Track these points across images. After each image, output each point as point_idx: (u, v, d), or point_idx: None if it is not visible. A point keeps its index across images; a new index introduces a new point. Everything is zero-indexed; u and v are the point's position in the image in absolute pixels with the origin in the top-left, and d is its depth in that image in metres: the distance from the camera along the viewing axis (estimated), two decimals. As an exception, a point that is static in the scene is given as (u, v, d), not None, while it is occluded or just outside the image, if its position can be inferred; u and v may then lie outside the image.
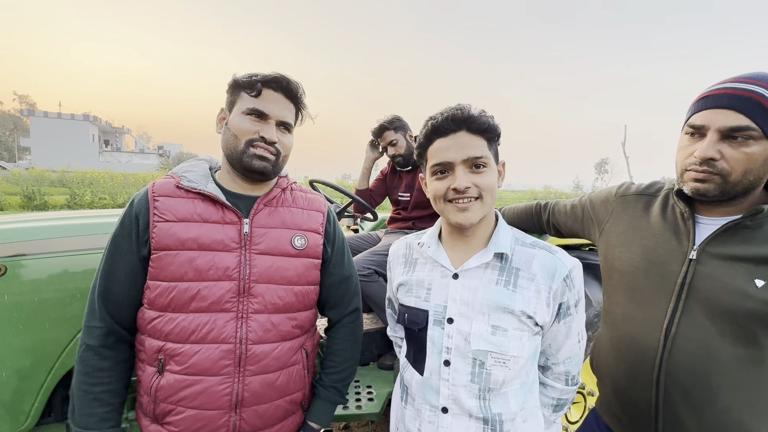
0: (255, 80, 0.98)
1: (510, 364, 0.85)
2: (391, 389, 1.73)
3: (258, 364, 0.96)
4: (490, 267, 0.90)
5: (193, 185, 0.98)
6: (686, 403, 0.90)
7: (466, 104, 0.89)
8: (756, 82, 0.82)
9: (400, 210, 2.38)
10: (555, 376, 0.97)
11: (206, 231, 0.95)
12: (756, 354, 0.84)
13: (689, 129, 0.91)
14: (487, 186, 0.86)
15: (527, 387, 0.90)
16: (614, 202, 1.16)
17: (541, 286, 0.87)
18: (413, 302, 0.95)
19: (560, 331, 0.91)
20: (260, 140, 0.98)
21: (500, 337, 0.85)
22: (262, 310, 0.98)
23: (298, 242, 1.04)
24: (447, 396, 0.88)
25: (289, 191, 1.12)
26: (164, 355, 0.93)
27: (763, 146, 0.82)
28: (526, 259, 0.89)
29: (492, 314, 0.86)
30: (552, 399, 0.98)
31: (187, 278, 0.93)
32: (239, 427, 0.96)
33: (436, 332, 0.90)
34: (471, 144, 0.85)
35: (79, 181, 17.81)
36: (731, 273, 0.86)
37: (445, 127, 0.86)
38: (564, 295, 0.88)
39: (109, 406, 0.95)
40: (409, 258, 1.02)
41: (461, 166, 0.86)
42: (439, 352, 0.89)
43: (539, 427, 0.92)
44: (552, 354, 0.95)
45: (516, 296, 0.86)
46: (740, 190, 0.85)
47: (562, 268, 0.88)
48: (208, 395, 0.93)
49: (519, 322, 0.86)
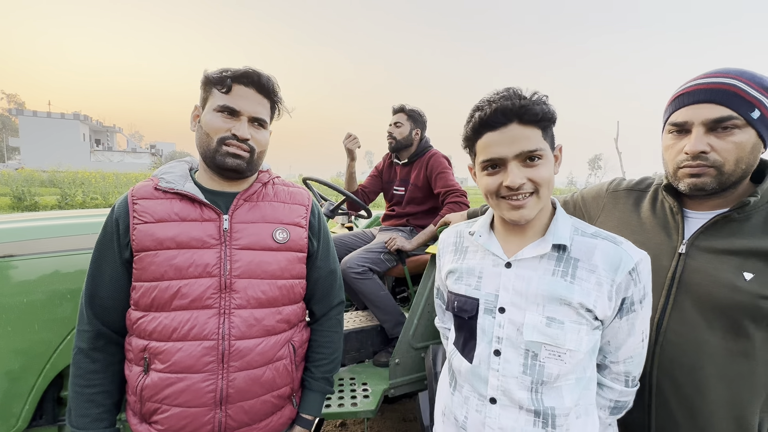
0: (225, 76, 0.97)
1: (566, 357, 0.80)
2: (386, 386, 1.73)
3: (242, 359, 0.96)
4: (546, 257, 0.84)
5: (171, 186, 0.98)
6: (677, 396, 0.91)
7: (517, 89, 0.80)
8: (728, 75, 0.84)
9: (394, 206, 2.37)
10: (614, 377, 0.89)
11: (184, 229, 0.96)
12: (745, 346, 0.85)
13: (672, 128, 0.92)
14: (542, 179, 0.79)
15: (584, 383, 0.84)
16: (605, 197, 1.17)
17: (602, 279, 0.80)
18: (463, 290, 0.91)
19: (622, 328, 0.84)
20: (232, 138, 0.97)
21: (556, 329, 0.80)
22: (244, 305, 0.98)
23: (279, 236, 1.04)
24: (496, 387, 0.84)
25: (271, 185, 1.12)
26: (149, 354, 0.94)
27: (748, 134, 0.83)
28: (587, 250, 0.82)
29: (547, 305, 0.81)
30: (609, 401, 0.90)
31: (167, 277, 0.93)
32: (225, 424, 0.96)
33: (486, 321, 0.86)
34: (524, 136, 0.78)
35: (70, 181, 17.57)
36: (720, 266, 0.87)
37: (494, 120, 0.79)
38: (628, 289, 0.81)
39: (102, 406, 0.97)
40: (460, 246, 0.99)
41: (514, 162, 0.79)
42: (489, 341, 0.86)
43: (594, 427, 0.86)
44: (611, 352, 0.87)
45: (574, 288, 0.80)
46: (735, 179, 0.86)
47: (627, 260, 0.80)
48: (192, 392, 0.93)
49: (577, 315, 0.80)
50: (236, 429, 0.98)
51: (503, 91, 0.81)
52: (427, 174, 2.18)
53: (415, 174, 2.24)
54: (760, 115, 0.82)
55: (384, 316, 1.97)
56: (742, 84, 0.82)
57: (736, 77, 0.83)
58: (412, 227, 2.26)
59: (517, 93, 0.79)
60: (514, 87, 0.81)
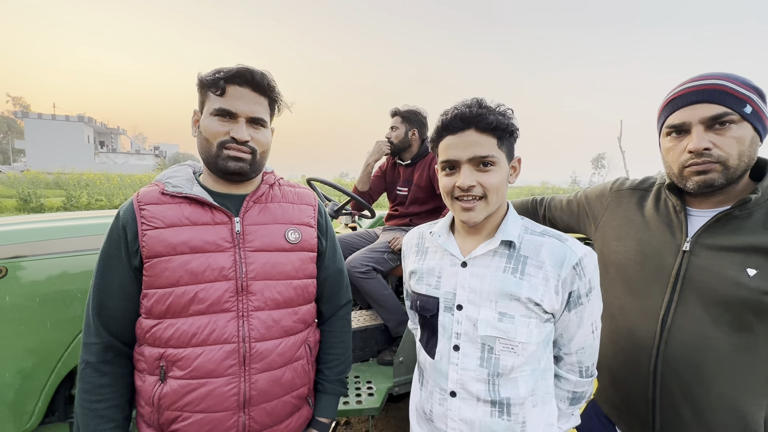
0: (217, 78, 0.94)
1: (518, 350, 0.86)
2: (390, 384, 1.74)
3: (263, 361, 0.96)
4: (497, 255, 0.90)
5: (179, 190, 0.96)
6: (682, 392, 0.92)
7: (479, 100, 0.87)
8: (716, 77, 0.88)
9: (397, 206, 2.39)
10: (568, 368, 0.96)
11: (197, 233, 0.94)
12: (749, 341, 0.86)
13: (670, 130, 0.94)
14: (491, 185, 0.85)
15: (538, 373, 0.90)
16: (609, 197, 1.18)
17: (549, 274, 0.86)
18: (424, 290, 0.97)
19: (572, 321, 0.90)
20: (232, 141, 0.95)
21: (507, 323, 0.85)
22: (262, 307, 0.97)
23: (291, 236, 1.04)
24: (455, 380, 0.90)
25: (277, 186, 1.11)
26: (165, 361, 0.91)
27: (745, 128, 0.86)
28: (535, 247, 0.89)
29: (499, 301, 0.87)
30: (567, 392, 0.96)
31: (182, 282, 0.91)
32: (249, 427, 0.95)
33: (446, 318, 0.92)
34: (478, 143, 0.85)
35: (75, 183, 17.70)
36: (724, 263, 0.88)
37: (453, 125, 0.86)
38: (574, 283, 0.86)
39: (113, 422, 0.93)
40: (421, 247, 1.04)
41: (467, 165, 0.86)
42: (449, 337, 0.91)
43: (550, 415, 0.92)
44: (564, 344, 0.93)
45: (523, 283, 0.86)
46: (740, 174, 0.88)
47: (571, 255, 0.86)
48: (215, 397, 0.91)
49: (526, 309, 0.86)
50: (259, 431, 0.98)
51: (469, 100, 0.88)
52: (429, 174, 2.19)
53: (418, 174, 2.24)
54: (752, 110, 0.85)
55: (388, 315, 1.98)
56: (730, 83, 0.86)
57: (723, 78, 0.87)
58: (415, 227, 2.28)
59: (479, 102, 0.87)
60: (480, 98, 0.88)
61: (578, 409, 1.00)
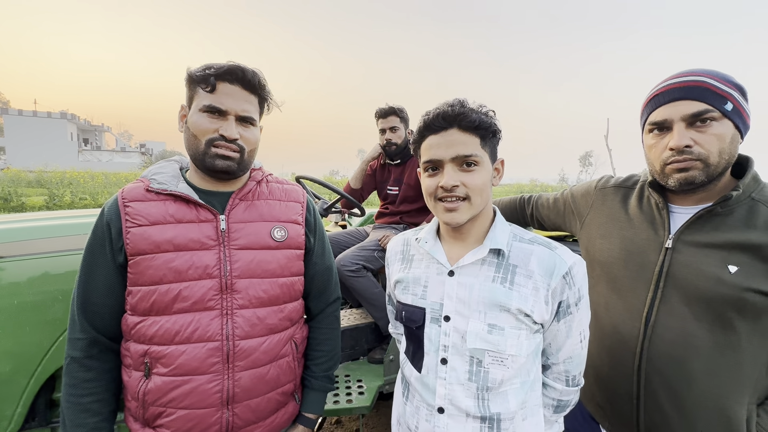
0: (208, 74, 0.93)
1: (508, 362, 0.83)
2: (381, 383, 1.74)
3: (247, 359, 0.96)
4: (486, 263, 0.87)
5: (164, 187, 0.96)
6: (666, 390, 0.93)
7: (462, 100, 0.86)
8: (697, 74, 0.89)
9: (387, 204, 2.39)
10: (555, 376, 0.94)
11: (181, 231, 0.94)
12: (732, 339, 0.87)
13: (652, 127, 0.94)
14: (474, 186, 0.84)
15: (528, 385, 0.87)
16: (594, 195, 1.19)
17: (539, 284, 0.84)
18: (410, 300, 0.94)
19: (560, 331, 0.87)
20: (220, 139, 0.94)
21: (497, 335, 0.83)
22: (246, 305, 0.97)
23: (277, 234, 1.03)
24: (443, 396, 0.87)
25: (265, 183, 1.10)
26: (150, 358, 0.92)
27: (726, 126, 0.87)
28: (524, 256, 0.86)
29: (488, 312, 0.84)
30: (552, 399, 0.95)
31: (166, 280, 0.91)
32: (232, 423, 0.96)
33: (433, 330, 0.89)
34: (461, 142, 0.83)
35: (57, 181, 17.26)
36: (706, 260, 0.89)
37: (436, 124, 0.85)
38: (564, 293, 0.84)
39: (99, 415, 0.94)
40: (406, 254, 1.01)
41: (450, 165, 0.84)
42: (436, 350, 0.88)
43: (539, 426, 0.90)
44: (552, 353, 0.91)
45: (513, 294, 0.83)
46: (720, 171, 0.89)
47: (561, 264, 0.84)
48: (198, 394, 0.92)
49: (516, 321, 0.84)
50: (243, 427, 0.98)
51: (451, 100, 0.86)
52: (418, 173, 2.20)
53: (408, 173, 2.26)
54: (733, 107, 0.86)
55: (378, 313, 1.98)
56: (712, 80, 0.87)
57: (705, 75, 0.88)
58: (405, 225, 2.28)
59: (460, 102, 0.85)
60: (462, 98, 0.87)
61: (562, 417, 0.99)
